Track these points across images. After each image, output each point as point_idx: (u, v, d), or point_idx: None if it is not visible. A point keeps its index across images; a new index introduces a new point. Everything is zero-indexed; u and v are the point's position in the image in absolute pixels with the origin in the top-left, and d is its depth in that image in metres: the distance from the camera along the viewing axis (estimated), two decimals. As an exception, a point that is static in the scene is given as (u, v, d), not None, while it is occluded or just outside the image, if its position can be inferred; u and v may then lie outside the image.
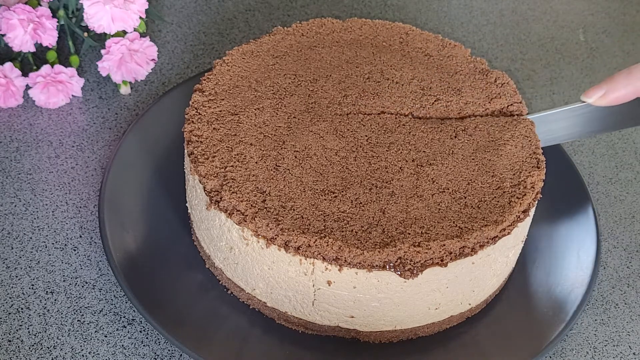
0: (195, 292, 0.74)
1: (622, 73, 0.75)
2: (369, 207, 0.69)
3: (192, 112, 0.75)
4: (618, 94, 0.75)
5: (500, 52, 1.02)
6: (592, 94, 0.75)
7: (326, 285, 0.68)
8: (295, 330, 0.73)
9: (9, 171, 0.83)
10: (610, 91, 0.75)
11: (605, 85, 0.75)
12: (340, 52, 0.81)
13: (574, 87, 0.99)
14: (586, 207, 0.82)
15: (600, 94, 0.75)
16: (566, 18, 1.08)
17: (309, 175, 0.71)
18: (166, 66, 0.95)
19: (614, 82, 0.75)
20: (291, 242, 0.67)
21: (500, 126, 0.77)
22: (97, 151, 0.86)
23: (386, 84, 0.79)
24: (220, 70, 0.78)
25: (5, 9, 0.84)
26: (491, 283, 0.75)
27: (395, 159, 0.73)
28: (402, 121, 0.76)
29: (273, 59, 0.80)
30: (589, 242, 0.80)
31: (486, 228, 0.69)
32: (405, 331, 0.73)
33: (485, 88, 0.80)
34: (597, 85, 0.76)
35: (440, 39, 0.84)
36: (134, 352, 0.72)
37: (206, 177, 0.70)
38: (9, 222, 0.79)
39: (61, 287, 0.76)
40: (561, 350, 0.76)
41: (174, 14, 1.02)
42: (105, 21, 0.85)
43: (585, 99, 0.76)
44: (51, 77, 0.86)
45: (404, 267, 0.67)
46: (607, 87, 0.75)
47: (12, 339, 0.72)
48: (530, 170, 0.73)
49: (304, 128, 0.74)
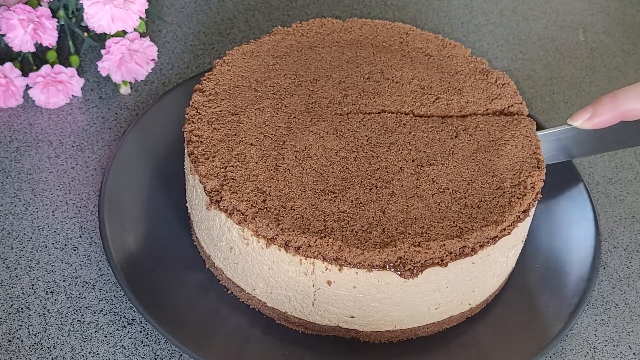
0: (195, 292, 0.74)
1: (607, 97, 0.76)
2: (369, 207, 0.69)
3: (193, 112, 0.75)
4: (603, 117, 0.76)
5: (500, 52, 1.02)
6: (578, 117, 0.77)
7: (326, 285, 0.68)
8: (295, 330, 0.73)
9: (9, 171, 0.83)
10: (595, 115, 0.76)
11: (591, 108, 0.76)
12: (340, 52, 0.81)
13: (574, 87, 0.99)
14: (586, 208, 0.82)
15: (586, 118, 0.76)
16: (566, 18, 1.08)
17: (309, 175, 0.71)
18: (166, 66, 0.95)
19: (599, 106, 0.76)
20: (291, 242, 0.67)
21: (501, 126, 0.77)
22: (97, 151, 0.86)
23: (386, 83, 0.79)
24: (221, 70, 0.78)
25: (5, 9, 0.84)
26: (491, 283, 0.75)
27: (395, 159, 0.73)
28: (403, 121, 0.76)
29: (273, 59, 0.80)
30: (589, 241, 0.80)
31: (486, 228, 0.69)
32: (406, 331, 0.73)
33: (486, 88, 0.80)
34: (583, 109, 0.77)
35: (440, 39, 0.84)
36: (134, 352, 0.72)
37: (206, 177, 0.70)
38: (9, 222, 0.79)
39: (61, 287, 0.76)
40: (561, 350, 0.76)
41: (174, 14, 1.02)
42: (105, 21, 0.85)
43: (572, 122, 0.77)
44: (51, 77, 0.86)
45: (404, 267, 0.67)
46: (593, 111, 0.76)
47: (12, 339, 0.72)
48: (530, 171, 0.73)
49: (304, 128, 0.74)
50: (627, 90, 0.76)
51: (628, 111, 0.75)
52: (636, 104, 0.75)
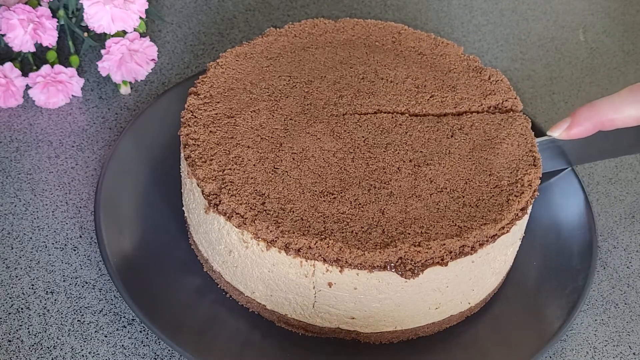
0: (194, 296, 0.74)
1: (584, 107, 0.77)
2: (368, 207, 0.69)
3: (188, 115, 0.74)
4: (581, 127, 0.77)
5: (500, 52, 1.02)
6: (557, 128, 0.78)
7: (327, 287, 0.68)
8: (295, 333, 0.73)
9: (9, 171, 0.83)
10: (572, 125, 0.77)
11: (568, 119, 0.77)
12: (333, 52, 0.81)
13: (574, 87, 0.99)
14: (585, 207, 0.82)
15: (564, 128, 0.77)
16: (566, 18, 1.08)
17: (308, 177, 0.71)
18: (166, 66, 0.95)
19: (577, 117, 0.77)
20: (292, 244, 0.67)
21: (497, 124, 0.77)
22: (97, 151, 0.86)
23: (381, 83, 0.79)
24: (215, 72, 0.78)
25: (5, 9, 0.84)
26: (490, 281, 0.75)
27: (392, 159, 0.73)
28: (399, 121, 0.76)
29: (267, 61, 0.80)
30: (588, 240, 0.80)
31: (485, 227, 0.69)
32: (406, 331, 0.73)
33: (480, 85, 0.80)
34: (562, 120, 0.78)
35: (432, 37, 0.84)
36: (134, 352, 0.72)
37: (204, 181, 0.70)
38: (9, 222, 0.79)
39: (61, 287, 0.76)
40: (561, 350, 0.76)
41: (174, 14, 1.02)
42: (105, 21, 0.85)
43: (551, 133, 0.78)
44: (51, 77, 0.86)
45: (405, 267, 0.67)
46: (570, 121, 0.77)
47: (12, 339, 0.72)
48: (527, 168, 0.73)
49: (300, 130, 0.74)
50: (605, 100, 0.76)
51: (605, 121, 0.76)
52: (613, 114, 0.75)
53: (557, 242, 0.80)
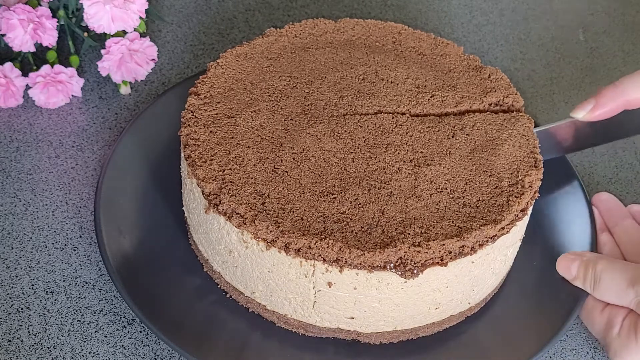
0: (194, 296, 0.74)
1: (608, 87, 0.77)
2: (368, 207, 0.69)
3: (188, 115, 0.74)
4: (606, 108, 0.76)
5: (500, 52, 1.02)
6: (581, 109, 0.77)
7: (327, 287, 0.68)
8: (295, 333, 0.73)
9: (9, 171, 0.83)
10: (597, 106, 0.76)
11: (593, 100, 0.77)
12: (334, 53, 0.81)
13: (574, 87, 0.99)
14: (584, 206, 0.82)
15: (588, 109, 0.76)
16: (566, 18, 1.08)
17: (308, 177, 0.71)
18: (166, 66, 0.95)
19: (601, 97, 0.76)
20: (292, 244, 0.67)
21: (498, 125, 0.77)
22: (97, 151, 0.86)
23: (381, 84, 0.79)
24: (215, 73, 0.78)
25: (5, 9, 0.84)
26: (490, 282, 0.75)
27: (392, 159, 0.73)
28: (399, 121, 0.76)
29: (267, 61, 0.80)
30: (587, 240, 0.80)
31: (485, 227, 0.69)
32: (406, 331, 0.73)
33: (480, 83, 0.80)
34: (585, 101, 0.77)
35: (432, 37, 0.84)
36: (134, 352, 0.72)
37: (204, 181, 0.70)
38: (9, 222, 0.80)
39: (61, 287, 0.76)
40: (561, 350, 0.76)
41: (174, 14, 1.02)
42: (105, 21, 0.85)
43: (575, 115, 0.78)
44: (51, 77, 0.86)
45: (405, 267, 0.67)
46: (595, 102, 0.76)
47: (12, 339, 0.72)
48: (528, 170, 0.73)
49: (301, 130, 0.74)
50: (628, 79, 0.76)
51: (630, 100, 0.75)
52: (638, 92, 0.75)
53: (557, 243, 0.80)
